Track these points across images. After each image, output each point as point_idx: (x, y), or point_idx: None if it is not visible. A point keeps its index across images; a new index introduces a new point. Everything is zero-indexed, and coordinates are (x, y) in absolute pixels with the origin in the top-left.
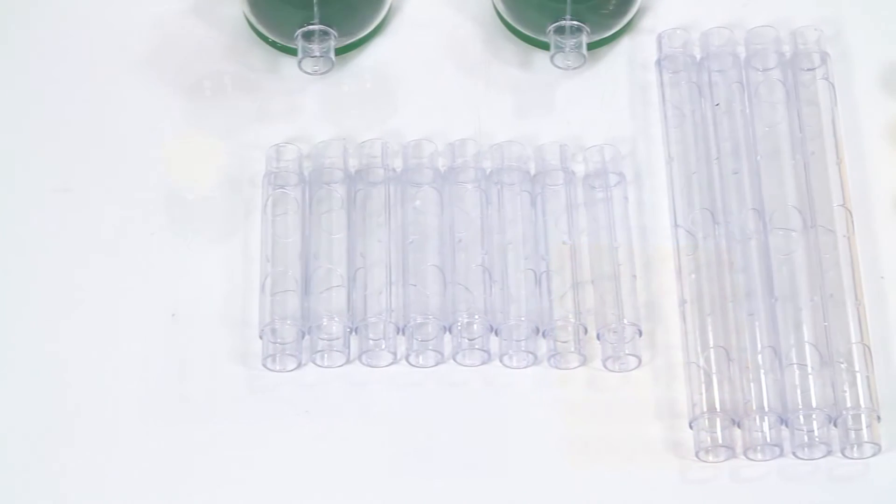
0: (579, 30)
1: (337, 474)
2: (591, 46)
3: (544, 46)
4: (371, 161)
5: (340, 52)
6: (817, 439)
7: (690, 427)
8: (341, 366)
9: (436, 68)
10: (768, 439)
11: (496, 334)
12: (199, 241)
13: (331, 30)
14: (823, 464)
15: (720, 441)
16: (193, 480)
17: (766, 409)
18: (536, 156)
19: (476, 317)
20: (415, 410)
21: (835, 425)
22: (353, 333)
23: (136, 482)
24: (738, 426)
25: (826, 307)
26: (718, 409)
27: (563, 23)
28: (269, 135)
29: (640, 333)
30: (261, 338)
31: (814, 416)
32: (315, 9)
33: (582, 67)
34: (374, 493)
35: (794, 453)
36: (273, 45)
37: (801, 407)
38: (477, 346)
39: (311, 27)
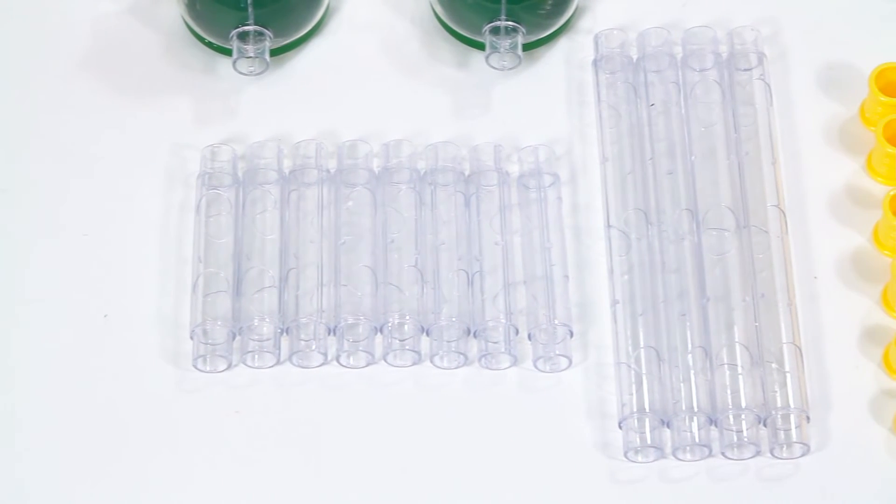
0: (515, 30)
1: (267, 474)
2: (529, 46)
3: (481, 47)
4: (305, 162)
5: (278, 52)
6: (746, 439)
7: (620, 427)
8: (272, 366)
9: (373, 69)
10: (697, 439)
11: (427, 335)
12: (133, 241)
13: (266, 31)
14: (753, 464)
15: (649, 441)
16: (123, 480)
17: (696, 409)
18: (471, 156)
19: (407, 317)
20: (346, 411)
21: (764, 425)
22: (285, 334)
23: (67, 481)
24: (668, 426)
25: (758, 307)
26: (648, 410)
27: (498, 23)
28: (205, 135)
29: (572, 334)
30: (192, 338)
31: (743, 416)
32: (249, 10)
33: (519, 67)
34: (303, 494)
35: (723, 453)
36: (209, 45)
37: (730, 407)
38: (408, 347)
39: (245, 28)
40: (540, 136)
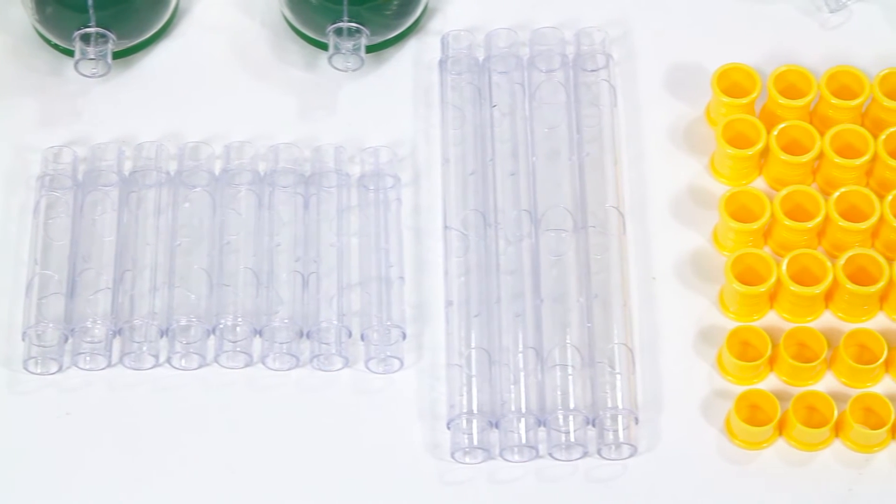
0: (358, 32)
1: (98, 477)
2: (378, 47)
3: (328, 48)
4: (146, 164)
5: (125, 54)
6: (574, 440)
7: (448, 428)
8: (104, 368)
9: (222, 71)
10: (525, 440)
11: (261, 336)
12: None
13: (108, 33)
14: (581, 465)
15: (476, 442)
16: None
17: (524, 410)
18: (313, 158)
19: (240, 319)
20: (178, 413)
21: (593, 426)
22: (117, 336)
23: None
24: (497, 427)
25: (591, 308)
26: (476, 411)
27: (341, 25)
28: (50, 137)
29: (404, 335)
30: (23, 340)
31: (571, 417)
32: (91, 11)
33: (367, 69)
34: (134, 495)
35: (551, 454)
36: (56, 48)
37: (559, 408)
38: (239, 349)
39: (87, 30)
40: (386, 137)
